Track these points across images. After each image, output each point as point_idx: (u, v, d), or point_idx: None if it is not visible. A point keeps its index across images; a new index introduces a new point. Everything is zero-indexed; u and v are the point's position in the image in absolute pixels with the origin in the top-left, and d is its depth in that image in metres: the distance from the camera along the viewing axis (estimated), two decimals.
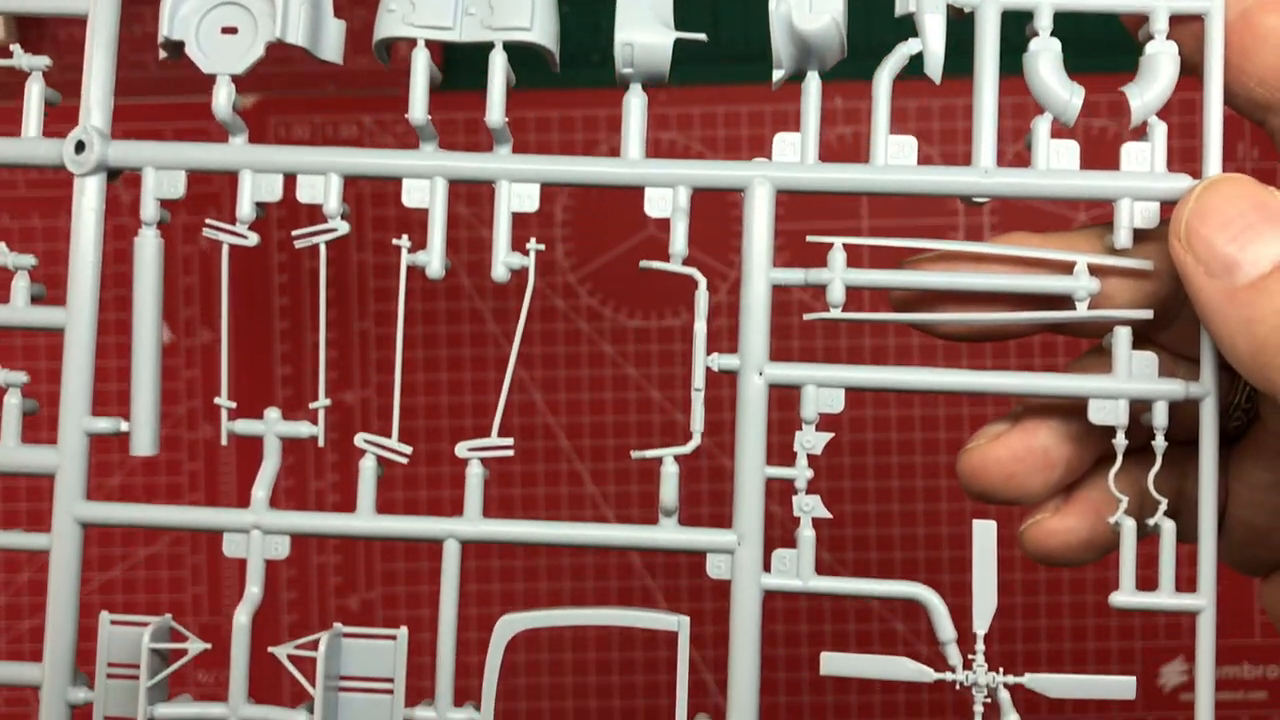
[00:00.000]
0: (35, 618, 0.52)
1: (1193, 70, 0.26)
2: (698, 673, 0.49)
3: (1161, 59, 0.26)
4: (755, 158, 0.27)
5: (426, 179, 0.27)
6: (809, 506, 0.27)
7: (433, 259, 0.28)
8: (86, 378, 0.28)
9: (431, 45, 0.27)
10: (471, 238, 0.52)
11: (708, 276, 0.27)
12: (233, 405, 0.28)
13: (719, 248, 0.50)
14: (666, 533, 0.27)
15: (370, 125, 0.51)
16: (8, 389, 0.28)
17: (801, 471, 0.27)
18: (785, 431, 0.28)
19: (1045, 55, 0.27)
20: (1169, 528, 0.27)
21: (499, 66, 0.27)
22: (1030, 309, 0.27)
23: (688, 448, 0.27)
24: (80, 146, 0.28)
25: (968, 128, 0.50)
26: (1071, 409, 0.28)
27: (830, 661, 0.27)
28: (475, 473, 0.28)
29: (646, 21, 0.26)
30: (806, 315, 0.27)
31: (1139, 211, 0.27)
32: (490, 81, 0.27)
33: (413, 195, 0.28)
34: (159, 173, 0.28)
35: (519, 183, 0.27)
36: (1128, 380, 0.27)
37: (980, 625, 0.27)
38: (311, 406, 0.28)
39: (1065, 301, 0.27)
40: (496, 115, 0.27)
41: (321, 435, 0.28)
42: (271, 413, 0.28)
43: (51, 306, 0.28)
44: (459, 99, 0.50)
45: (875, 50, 0.27)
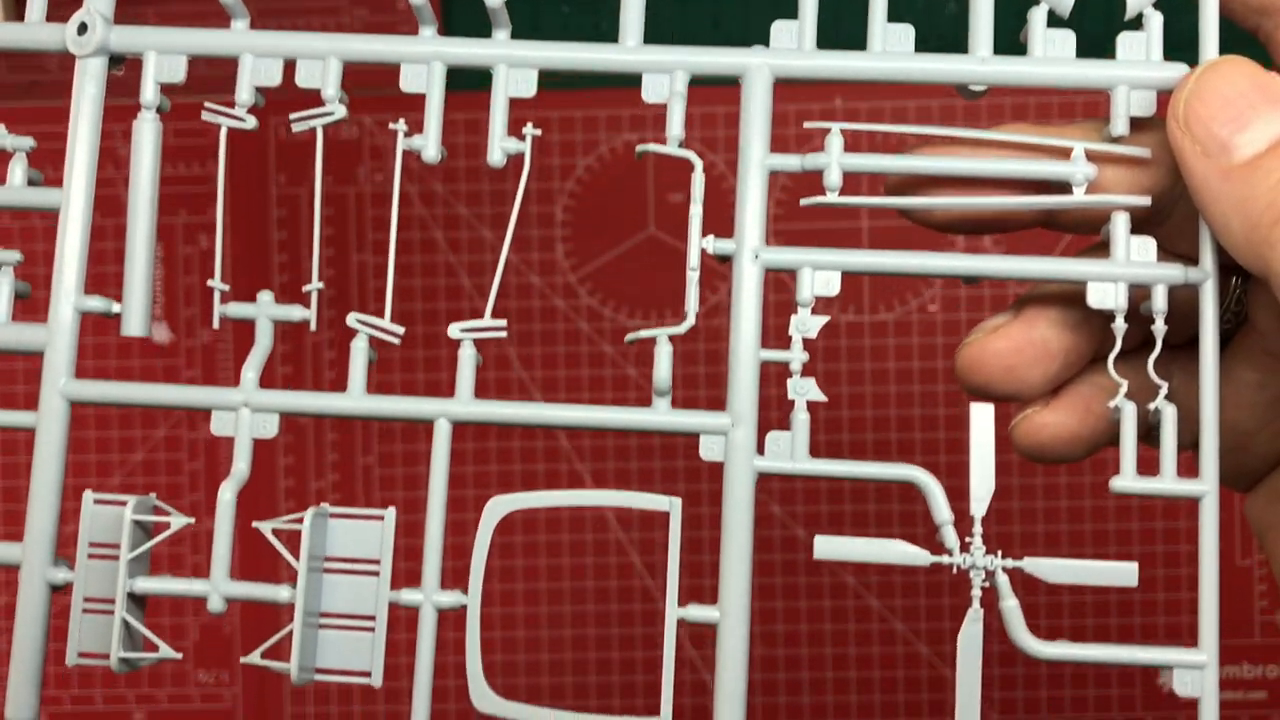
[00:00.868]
0: None
1: None
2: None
3: None
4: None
5: (424, 64, 0.28)
6: (804, 389, 0.27)
7: (429, 144, 0.28)
8: (80, 257, 0.28)
9: None
10: (472, 238, 0.52)
11: (710, 277, 0.27)
12: (225, 288, 0.28)
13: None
14: (660, 415, 0.27)
15: (370, 125, 0.52)
16: (0, 268, 0.28)
17: (797, 354, 0.27)
18: (780, 314, 0.28)
19: None
20: (1169, 413, 0.27)
21: None
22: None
23: (681, 328, 0.27)
24: (83, 28, 0.28)
25: (969, 126, 0.51)
26: (1071, 300, 0.28)
27: (824, 545, 0.26)
28: (467, 355, 0.28)
29: None
30: (804, 200, 0.27)
31: (1135, 100, 0.27)
32: None
33: (410, 81, 0.28)
34: (160, 57, 0.28)
35: (517, 68, 0.28)
36: (1126, 265, 0.27)
37: (978, 508, 0.26)
38: (305, 289, 0.28)
39: (1063, 190, 0.27)
40: None
41: (314, 319, 0.28)
42: (264, 295, 0.28)
43: (48, 188, 0.28)
44: (459, 99, 0.51)
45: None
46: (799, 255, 0.27)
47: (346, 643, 0.27)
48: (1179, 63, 0.27)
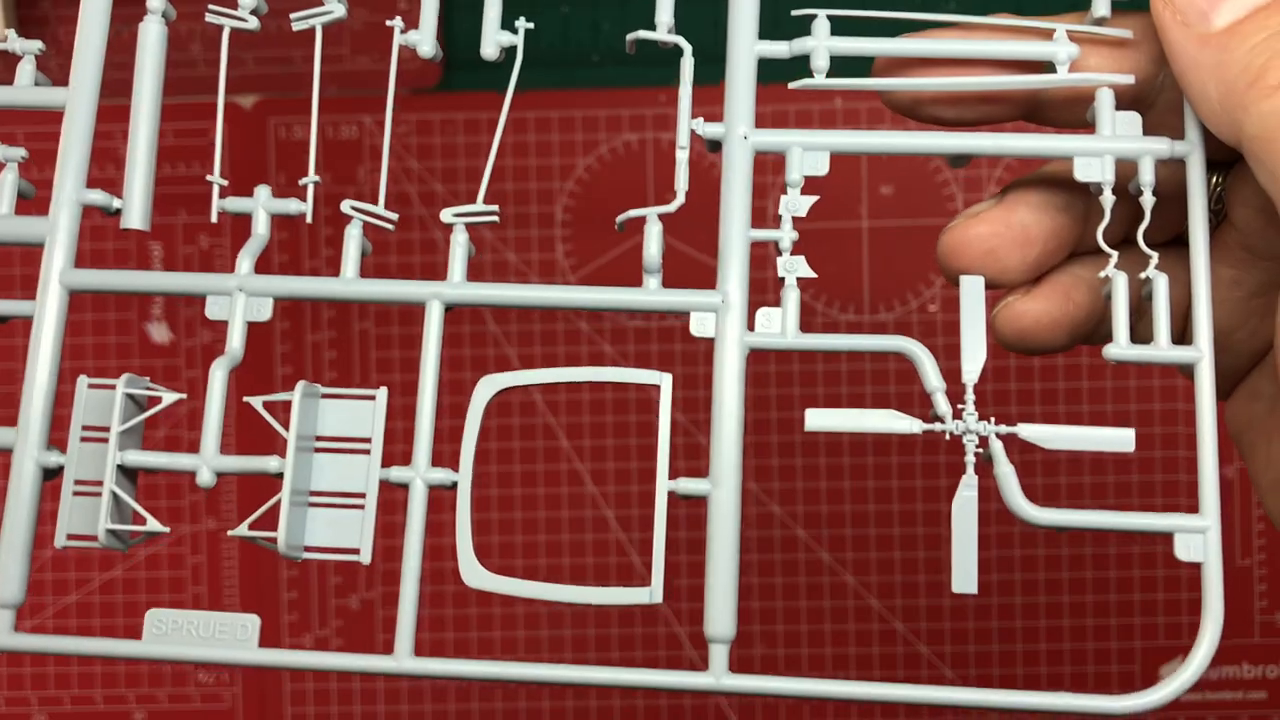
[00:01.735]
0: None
1: None
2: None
3: None
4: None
5: None
6: (793, 267, 0.28)
7: (424, 39, 0.29)
8: (83, 151, 0.29)
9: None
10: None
11: (710, 276, 0.28)
12: (224, 183, 0.29)
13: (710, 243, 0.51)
14: (651, 294, 0.28)
15: (370, 125, 0.53)
16: (6, 164, 0.29)
17: (786, 233, 0.28)
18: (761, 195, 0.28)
19: None
20: (1162, 282, 0.27)
21: None
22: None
23: (671, 206, 0.28)
24: None
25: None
26: (1051, 185, 0.29)
27: (814, 417, 0.27)
28: (460, 240, 0.28)
29: None
30: (792, 84, 0.28)
31: None
32: None
33: None
34: None
35: None
36: (1112, 139, 0.27)
37: (970, 376, 0.27)
38: (301, 183, 0.29)
39: (1047, 72, 0.28)
40: None
41: (309, 212, 0.29)
42: (261, 190, 0.29)
43: (53, 87, 0.30)
44: (459, 99, 0.53)
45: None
46: (788, 136, 0.28)
47: (336, 521, 0.27)
48: None
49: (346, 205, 0.29)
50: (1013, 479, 0.26)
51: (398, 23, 0.29)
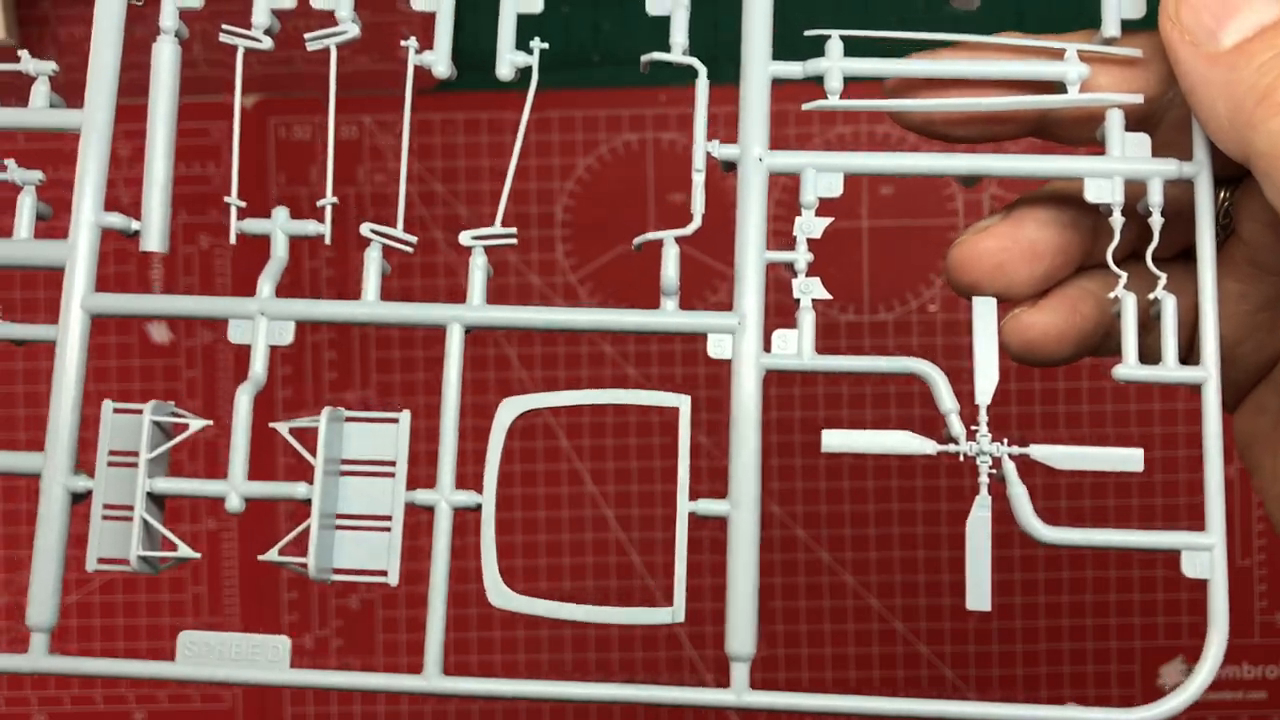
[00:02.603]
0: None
1: None
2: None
3: None
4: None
5: None
6: (809, 289, 0.28)
7: (439, 60, 0.30)
8: (100, 174, 0.29)
9: None
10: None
11: (710, 276, 0.28)
12: (243, 204, 0.30)
13: (720, 247, 0.52)
14: (668, 316, 0.29)
15: (370, 125, 0.54)
16: (23, 187, 0.30)
17: (801, 255, 0.29)
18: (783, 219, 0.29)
19: None
20: (1170, 303, 0.28)
21: None
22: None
23: (688, 229, 0.29)
24: None
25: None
26: (1059, 202, 0.30)
27: (831, 438, 0.28)
28: (479, 263, 0.29)
29: None
30: (805, 105, 0.29)
31: (1125, 2, 0.29)
32: None
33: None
34: None
35: None
36: (1122, 160, 0.28)
37: (983, 397, 0.28)
38: (319, 204, 0.30)
39: (1058, 92, 0.29)
40: None
41: (328, 233, 0.30)
42: (280, 211, 0.30)
43: (69, 109, 0.30)
44: (459, 99, 0.53)
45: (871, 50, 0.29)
46: (802, 158, 0.29)
47: (363, 543, 0.28)
48: None
49: (366, 229, 0.29)
50: (1025, 499, 0.27)
51: (412, 43, 0.30)
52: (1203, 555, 0.27)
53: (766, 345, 0.28)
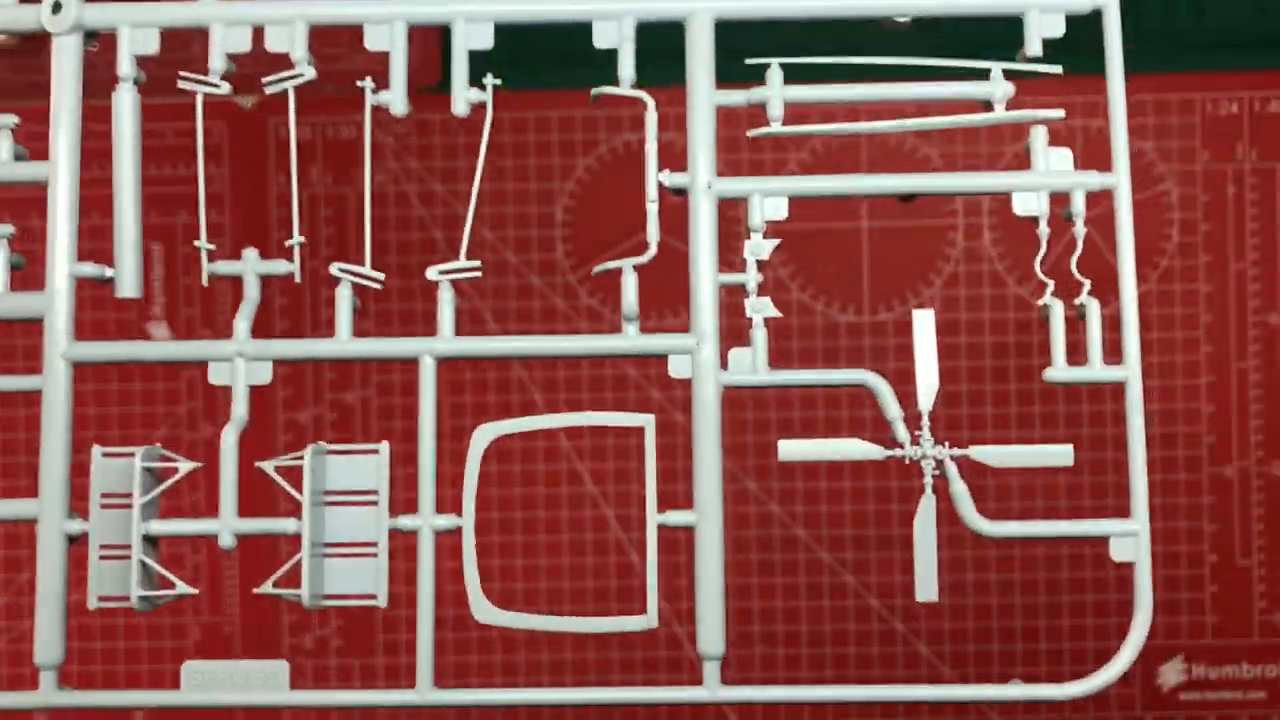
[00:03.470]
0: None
1: None
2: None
3: None
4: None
5: (387, 24, 0.31)
6: (760, 307, 0.30)
7: (395, 99, 0.31)
8: (71, 224, 0.31)
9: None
10: (472, 239, 0.54)
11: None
12: (212, 247, 0.31)
13: (720, 248, 0.53)
14: (629, 339, 0.31)
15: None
16: None
17: (752, 276, 0.31)
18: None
19: None
20: (1094, 307, 0.30)
21: None
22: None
23: (645, 257, 0.31)
24: (57, 7, 0.31)
25: (964, 130, 0.53)
26: None
27: (786, 448, 0.30)
28: (446, 296, 0.31)
29: None
30: (750, 131, 0.31)
31: (1046, 23, 0.31)
32: None
33: (374, 40, 0.31)
34: (133, 31, 0.31)
35: (474, 22, 0.31)
36: (1046, 174, 0.31)
37: (924, 403, 0.30)
38: (287, 244, 0.31)
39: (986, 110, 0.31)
40: None
41: (298, 272, 0.31)
42: (249, 252, 0.31)
43: (35, 161, 0.31)
44: None
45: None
46: (749, 184, 0.31)
47: (352, 569, 0.30)
48: None
49: (335, 269, 0.31)
50: (967, 497, 0.30)
51: (369, 83, 0.31)
52: (1128, 541, 0.30)
53: (724, 363, 0.31)
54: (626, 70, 0.31)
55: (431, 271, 0.31)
